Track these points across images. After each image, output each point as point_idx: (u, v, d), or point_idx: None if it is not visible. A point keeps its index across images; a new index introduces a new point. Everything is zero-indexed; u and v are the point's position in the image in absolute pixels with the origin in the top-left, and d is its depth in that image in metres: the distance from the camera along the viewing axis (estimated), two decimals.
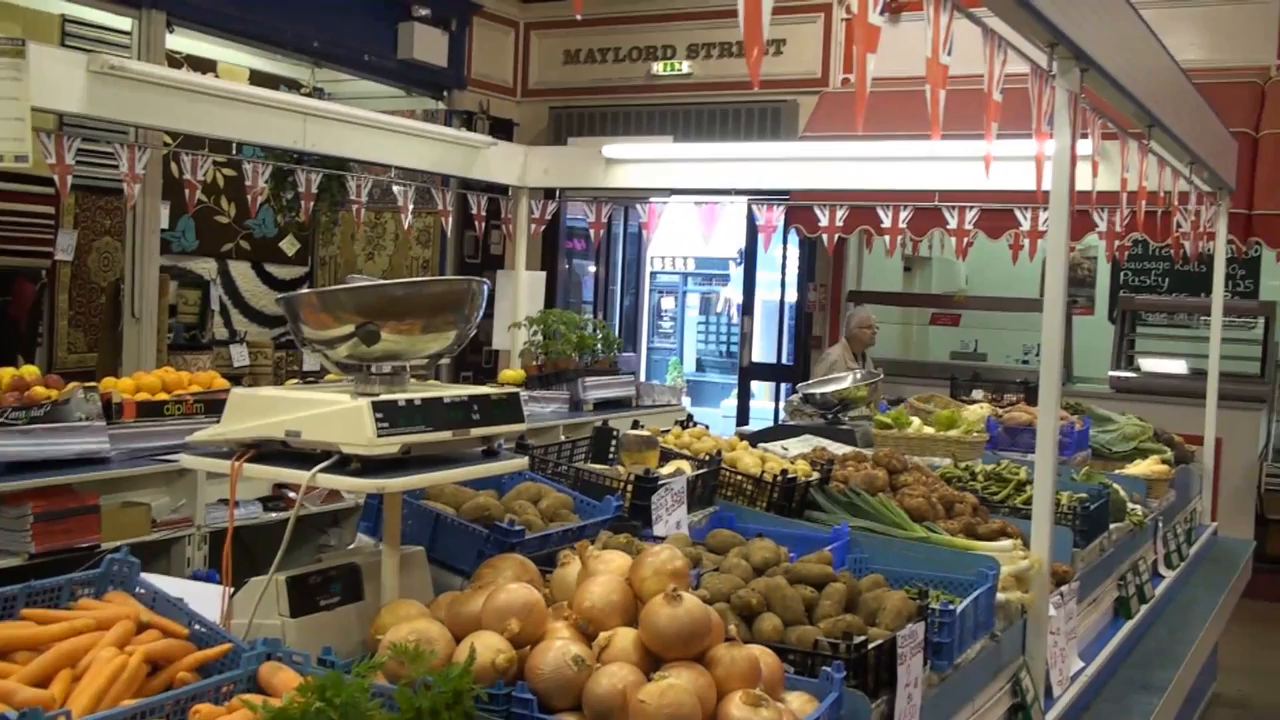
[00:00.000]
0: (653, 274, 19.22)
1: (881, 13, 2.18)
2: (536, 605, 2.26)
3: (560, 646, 2.18)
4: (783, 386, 11.31)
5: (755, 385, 12.73)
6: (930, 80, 2.51)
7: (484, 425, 2.52)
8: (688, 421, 4.22)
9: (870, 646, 2.49)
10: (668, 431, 4.05)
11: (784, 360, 11.51)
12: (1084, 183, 3.90)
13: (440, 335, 2.49)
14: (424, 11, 10.11)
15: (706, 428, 4.16)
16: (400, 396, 2.37)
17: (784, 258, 11.75)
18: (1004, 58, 3.01)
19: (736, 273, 16.33)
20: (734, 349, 16.49)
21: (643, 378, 13.77)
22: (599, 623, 2.27)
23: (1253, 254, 9.42)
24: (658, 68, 11.35)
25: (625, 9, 11.29)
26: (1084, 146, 3.93)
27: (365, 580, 2.56)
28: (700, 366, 22.18)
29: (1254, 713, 6.42)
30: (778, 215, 8.10)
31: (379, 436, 2.28)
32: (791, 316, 11.45)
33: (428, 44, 10.20)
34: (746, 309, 12.10)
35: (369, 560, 2.58)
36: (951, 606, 2.87)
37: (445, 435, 2.43)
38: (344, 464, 2.32)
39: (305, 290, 2.34)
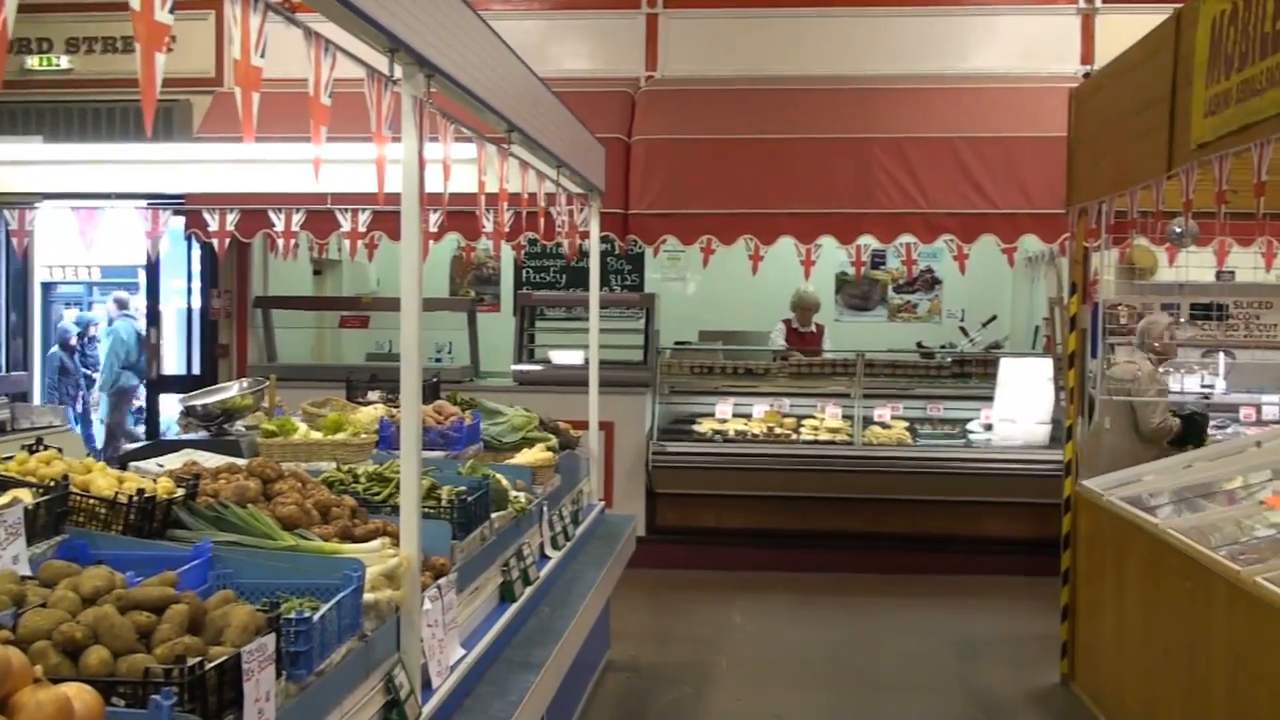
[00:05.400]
0: (50, 284, 17.74)
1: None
2: None
3: None
4: None
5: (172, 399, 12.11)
6: (240, 83, 2.46)
7: None
8: (37, 445, 3.90)
9: (209, 667, 2.41)
10: (11, 458, 3.72)
11: (194, 370, 11.02)
12: (436, 185, 4.02)
13: None
14: None
15: (60, 450, 3.86)
16: None
17: (189, 264, 11.26)
18: (333, 61, 3.02)
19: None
20: None
21: (37, 399, 12.67)
22: None
23: (634, 250, 10.22)
24: (32, 62, 10.47)
25: None
26: (437, 150, 4.04)
27: None
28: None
29: (643, 673, 6.96)
30: (166, 220, 7.74)
31: None
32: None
33: None
34: (152, 319, 11.48)
35: None
36: (307, 614, 2.84)
37: None
38: None
39: None
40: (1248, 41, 4.40)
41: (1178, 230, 7.50)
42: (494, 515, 4.73)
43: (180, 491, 3.69)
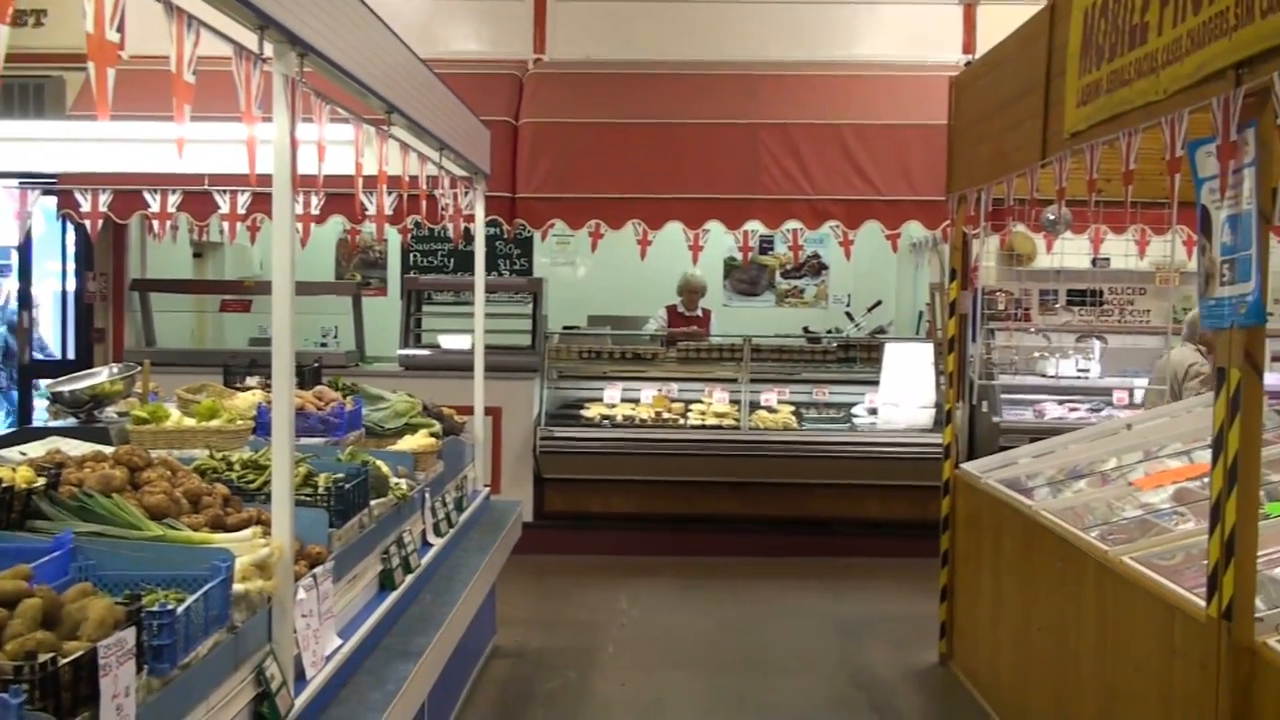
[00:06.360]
0: None
1: None
2: None
3: None
4: None
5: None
6: (94, 58, 2.37)
7: None
8: None
9: (63, 663, 2.33)
10: None
11: (70, 355, 10.70)
12: (311, 167, 3.93)
13: None
14: None
15: None
16: None
17: (64, 245, 10.92)
18: (196, 37, 2.93)
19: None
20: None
21: None
22: None
23: (523, 234, 10.15)
24: None
25: None
26: (311, 130, 3.95)
27: None
28: None
29: (528, 659, 6.94)
30: (35, 200, 7.48)
31: None
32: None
33: None
34: (24, 302, 11.12)
35: None
36: (170, 607, 2.77)
37: None
38: None
39: None
40: (1117, 33, 4.50)
41: (1051, 217, 7.67)
42: (374, 502, 4.66)
43: (41, 481, 3.56)
